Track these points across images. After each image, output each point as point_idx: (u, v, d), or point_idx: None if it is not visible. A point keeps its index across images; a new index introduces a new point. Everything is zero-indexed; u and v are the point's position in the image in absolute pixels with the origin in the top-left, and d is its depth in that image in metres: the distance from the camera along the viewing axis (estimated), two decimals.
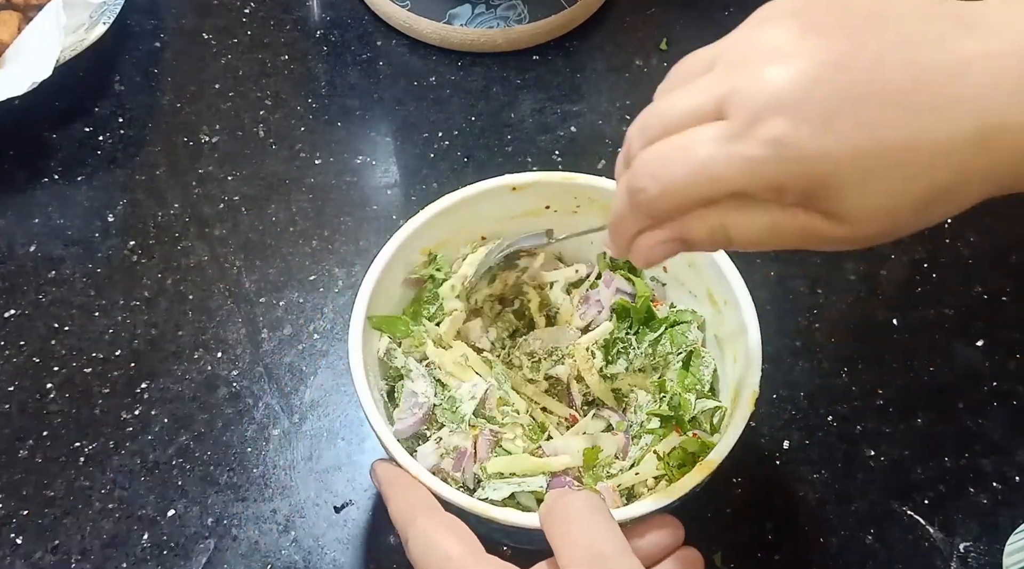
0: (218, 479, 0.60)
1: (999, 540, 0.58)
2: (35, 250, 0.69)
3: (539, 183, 0.58)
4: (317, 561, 0.58)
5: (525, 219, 0.60)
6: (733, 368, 0.55)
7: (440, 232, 0.58)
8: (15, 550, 0.58)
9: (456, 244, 0.60)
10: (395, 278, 0.58)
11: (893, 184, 0.36)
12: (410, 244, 0.57)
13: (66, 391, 0.63)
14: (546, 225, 0.59)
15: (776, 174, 0.37)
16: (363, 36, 0.80)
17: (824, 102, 0.36)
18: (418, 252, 0.58)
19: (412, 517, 0.46)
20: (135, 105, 0.76)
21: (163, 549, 0.58)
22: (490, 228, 0.60)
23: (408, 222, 0.57)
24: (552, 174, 0.59)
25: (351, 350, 0.53)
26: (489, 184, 0.58)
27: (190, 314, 0.66)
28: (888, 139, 0.36)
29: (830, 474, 0.61)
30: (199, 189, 0.72)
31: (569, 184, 0.58)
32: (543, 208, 0.59)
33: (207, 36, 0.80)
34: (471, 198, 0.58)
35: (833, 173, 0.36)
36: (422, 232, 0.57)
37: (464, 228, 0.59)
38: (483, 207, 0.58)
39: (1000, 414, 0.63)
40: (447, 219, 0.58)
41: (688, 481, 0.49)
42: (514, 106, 0.76)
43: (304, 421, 0.62)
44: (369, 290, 0.55)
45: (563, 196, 0.59)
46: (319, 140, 0.74)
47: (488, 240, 0.60)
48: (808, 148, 0.36)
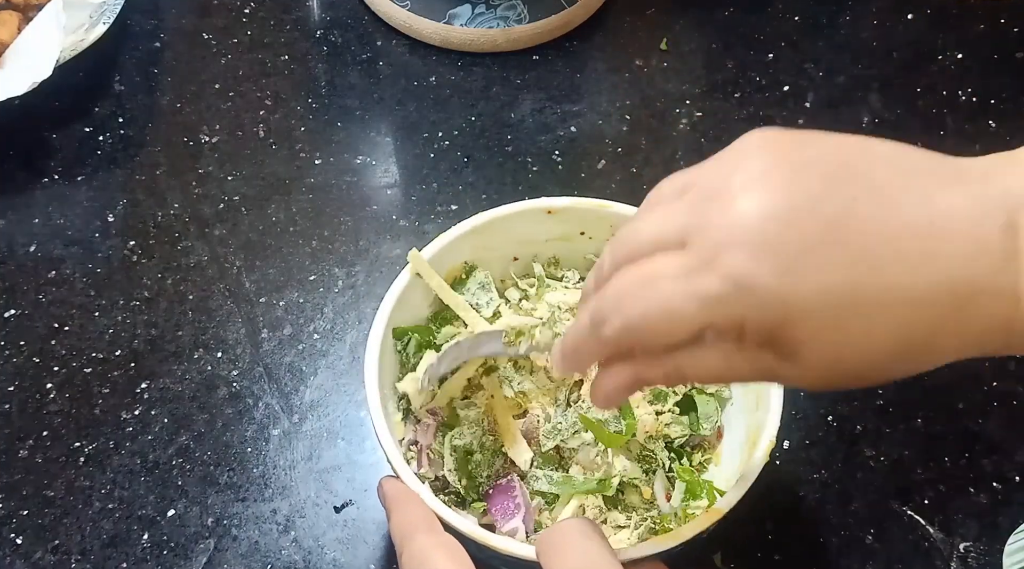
0: (218, 479, 0.60)
1: (999, 540, 0.58)
2: (35, 250, 0.69)
3: (574, 208, 0.57)
4: (317, 561, 0.58)
5: (560, 243, 0.59)
6: (752, 411, 0.54)
7: (468, 252, 0.58)
8: (15, 550, 0.58)
9: (488, 263, 0.59)
10: (417, 296, 0.57)
11: (854, 335, 0.35)
12: (438, 260, 0.56)
13: (66, 391, 0.63)
14: (581, 251, 0.59)
15: (734, 311, 0.36)
16: (363, 36, 0.80)
17: (789, 243, 0.35)
18: (446, 269, 0.58)
19: (411, 533, 0.45)
20: (135, 105, 0.76)
21: (163, 549, 0.58)
22: (524, 249, 0.60)
23: (438, 237, 0.56)
24: (586, 201, 0.58)
25: (367, 365, 0.52)
26: (524, 205, 0.57)
27: (190, 314, 0.66)
28: (852, 289, 0.34)
29: (830, 474, 0.61)
30: (199, 189, 0.72)
31: (604, 212, 0.57)
32: (578, 234, 0.59)
33: (207, 36, 0.80)
34: (505, 217, 0.57)
35: (792, 316, 0.35)
36: (450, 249, 0.57)
37: (496, 248, 0.59)
38: (518, 228, 0.58)
39: (1000, 414, 0.63)
40: (479, 237, 0.57)
41: (695, 526, 0.48)
42: (514, 106, 0.76)
43: (304, 421, 0.62)
44: (391, 305, 0.54)
45: (598, 223, 0.58)
46: (319, 140, 0.74)
47: (520, 260, 0.60)
48: (768, 286, 0.35)
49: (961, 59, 0.79)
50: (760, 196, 0.35)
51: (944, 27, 0.80)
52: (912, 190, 0.35)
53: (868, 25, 0.81)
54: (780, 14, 0.81)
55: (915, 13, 0.81)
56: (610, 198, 0.60)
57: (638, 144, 0.74)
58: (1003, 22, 0.81)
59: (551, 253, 0.60)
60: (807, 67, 0.78)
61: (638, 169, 0.73)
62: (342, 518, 0.59)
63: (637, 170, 0.73)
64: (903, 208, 0.35)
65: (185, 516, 0.59)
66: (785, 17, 0.81)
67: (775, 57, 0.79)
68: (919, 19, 0.81)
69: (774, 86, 0.77)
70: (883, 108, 0.76)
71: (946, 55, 0.79)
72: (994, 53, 0.79)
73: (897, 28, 0.81)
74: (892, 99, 0.76)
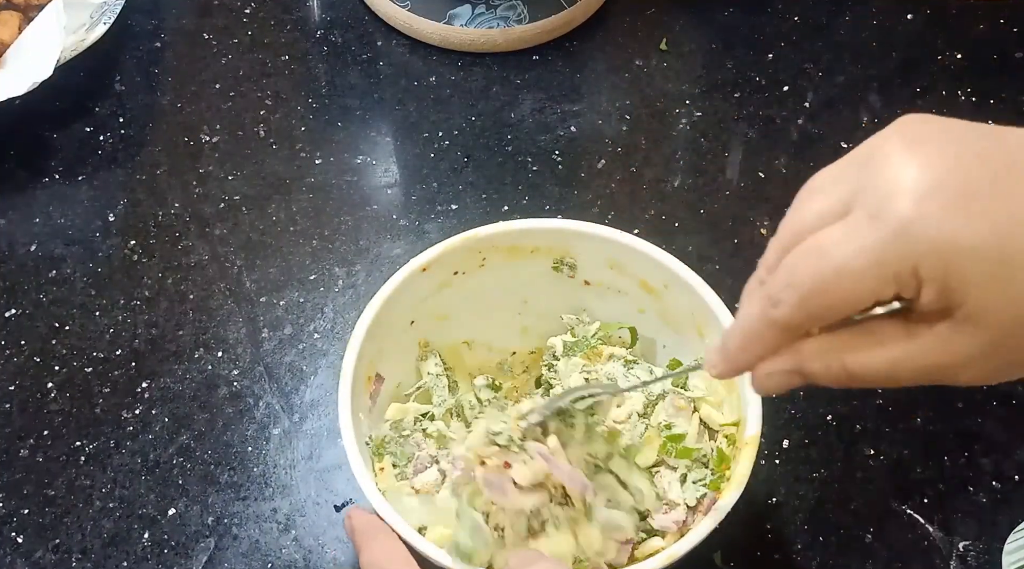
0: (218, 478, 0.60)
1: (998, 539, 0.58)
2: (36, 249, 0.69)
3: (445, 254, 0.56)
4: (317, 560, 0.58)
5: (439, 293, 0.58)
6: (701, 343, 0.54)
7: (374, 346, 0.55)
8: (16, 549, 0.58)
9: (389, 348, 0.57)
10: (399, 317, 0.56)
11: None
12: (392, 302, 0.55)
13: (67, 390, 0.63)
14: (466, 290, 0.58)
15: (907, 260, 0.34)
16: (363, 36, 0.80)
17: (956, 186, 0.34)
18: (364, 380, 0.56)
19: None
20: (135, 105, 0.76)
21: (164, 548, 0.58)
22: (415, 313, 0.58)
23: (346, 357, 0.54)
24: (457, 239, 0.56)
25: (340, 398, 0.52)
26: (399, 276, 0.55)
27: (190, 314, 0.66)
28: (1020, 235, 0.34)
29: (830, 473, 0.61)
30: (199, 189, 0.72)
31: (470, 243, 0.56)
32: (452, 274, 0.57)
33: (207, 36, 0.80)
34: (389, 297, 0.55)
35: (962, 258, 0.34)
36: (362, 357, 0.54)
37: (391, 331, 0.56)
38: (402, 300, 0.56)
39: (1000, 414, 0.63)
40: (378, 328, 0.55)
41: (700, 532, 0.48)
42: (514, 106, 0.76)
43: (304, 420, 0.63)
44: (362, 333, 0.53)
45: (470, 258, 0.57)
46: (319, 140, 0.74)
47: (416, 323, 0.58)
48: (937, 227, 0.34)
49: (961, 59, 0.79)
50: (919, 152, 0.35)
51: (944, 27, 0.80)
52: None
53: (868, 25, 0.81)
54: (780, 14, 0.81)
55: (915, 13, 0.81)
56: (609, 198, 0.61)
57: (638, 144, 0.74)
58: (1003, 22, 0.81)
59: (436, 307, 0.58)
60: (807, 67, 0.78)
61: (638, 169, 0.73)
62: (342, 517, 0.59)
63: (637, 170, 0.73)
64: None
65: (186, 515, 0.59)
66: (785, 17, 0.81)
67: (775, 57, 0.79)
68: (919, 19, 0.81)
69: (774, 86, 0.77)
70: (883, 108, 0.76)
71: (946, 55, 0.79)
72: (994, 53, 0.79)
73: (897, 28, 0.81)
74: (892, 99, 0.77)
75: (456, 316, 0.59)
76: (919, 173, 0.35)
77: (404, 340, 0.58)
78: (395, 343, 0.57)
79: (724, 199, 0.71)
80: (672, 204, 0.71)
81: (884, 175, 0.35)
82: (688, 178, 0.72)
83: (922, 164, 0.35)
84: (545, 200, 0.71)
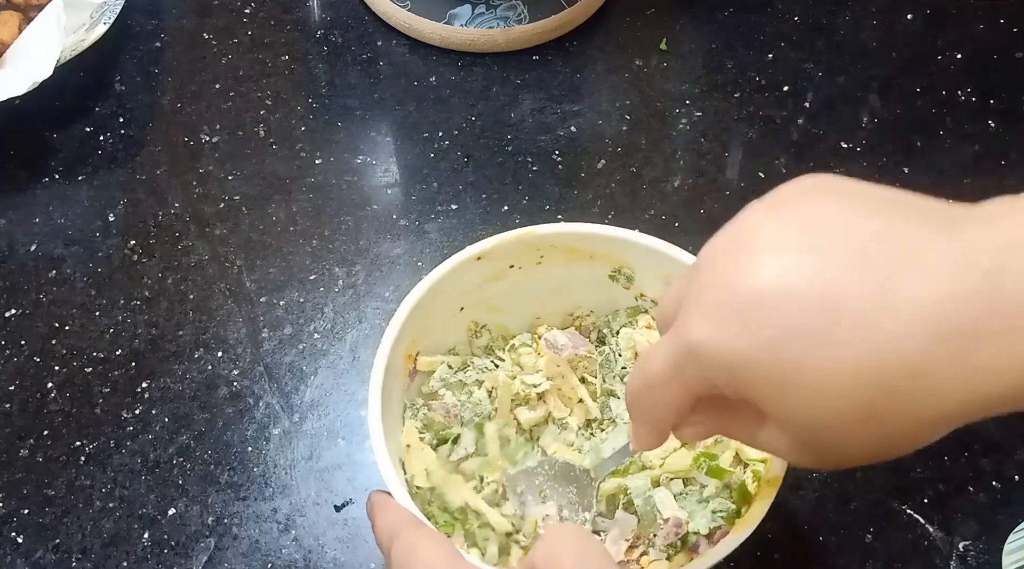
0: (219, 478, 0.60)
1: (998, 539, 0.58)
2: (36, 249, 0.69)
3: (500, 246, 0.56)
4: (317, 560, 0.58)
5: (493, 284, 0.57)
6: None
7: (416, 326, 0.55)
8: (16, 549, 0.58)
9: (434, 331, 0.57)
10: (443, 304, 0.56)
11: (806, 394, 0.35)
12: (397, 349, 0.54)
13: (67, 390, 0.63)
14: (513, 286, 0.57)
15: (698, 373, 0.38)
16: (363, 36, 0.80)
17: (727, 306, 0.36)
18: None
19: (396, 531, 0.45)
20: (136, 105, 0.76)
21: (164, 548, 0.58)
22: (465, 300, 0.58)
23: (390, 326, 0.54)
24: (512, 234, 0.56)
25: (371, 404, 0.51)
26: (454, 260, 0.55)
27: (190, 314, 0.66)
28: (785, 351, 0.35)
29: (830, 473, 0.61)
30: (199, 189, 0.72)
31: (529, 240, 0.56)
32: (508, 267, 0.57)
33: (207, 36, 0.80)
34: (440, 280, 0.55)
35: (747, 369, 0.36)
36: (404, 330, 0.54)
37: (438, 313, 0.56)
38: (454, 285, 0.56)
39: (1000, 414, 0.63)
40: (423, 309, 0.55)
41: (732, 540, 0.48)
42: (514, 106, 0.76)
43: (304, 420, 0.63)
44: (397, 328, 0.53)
45: (528, 254, 0.57)
46: (319, 140, 0.74)
47: (466, 310, 0.58)
48: (708, 346, 0.36)
49: (961, 59, 0.79)
50: (727, 267, 0.37)
51: (944, 27, 0.80)
52: (883, 263, 0.34)
53: (868, 25, 0.81)
54: (780, 14, 0.81)
55: (915, 13, 0.81)
56: (609, 198, 0.61)
57: (638, 144, 0.74)
58: (1003, 22, 0.81)
59: (488, 297, 0.58)
60: (807, 67, 0.78)
61: (638, 169, 0.73)
62: (342, 517, 0.59)
63: (637, 170, 0.73)
64: (856, 285, 0.34)
65: (186, 515, 0.59)
66: (785, 17, 0.81)
67: (775, 57, 0.79)
68: (919, 19, 0.81)
69: (774, 86, 0.77)
70: (883, 108, 0.76)
71: (946, 55, 0.79)
72: (994, 53, 0.79)
73: (897, 28, 0.81)
74: (892, 99, 0.77)
75: (508, 309, 0.59)
76: (703, 291, 0.37)
77: (452, 324, 0.58)
78: (442, 327, 0.57)
79: (724, 199, 0.71)
80: (672, 204, 0.71)
81: (697, 281, 0.38)
82: (688, 178, 0.72)
83: (711, 282, 0.37)
84: (545, 200, 0.71)
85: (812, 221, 0.36)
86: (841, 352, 0.34)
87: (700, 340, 0.36)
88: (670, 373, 0.39)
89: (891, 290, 0.34)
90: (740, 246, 0.37)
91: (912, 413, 0.35)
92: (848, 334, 0.34)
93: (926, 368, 0.33)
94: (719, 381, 0.37)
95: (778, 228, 0.36)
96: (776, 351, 0.35)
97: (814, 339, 0.34)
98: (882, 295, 0.34)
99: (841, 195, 0.37)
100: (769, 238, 0.36)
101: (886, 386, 0.34)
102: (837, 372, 0.34)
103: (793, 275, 0.35)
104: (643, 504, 0.53)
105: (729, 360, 0.36)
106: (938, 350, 0.33)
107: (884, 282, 0.34)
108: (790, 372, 0.35)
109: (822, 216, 0.36)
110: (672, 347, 0.38)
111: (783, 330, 0.35)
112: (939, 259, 0.34)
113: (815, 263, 0.35)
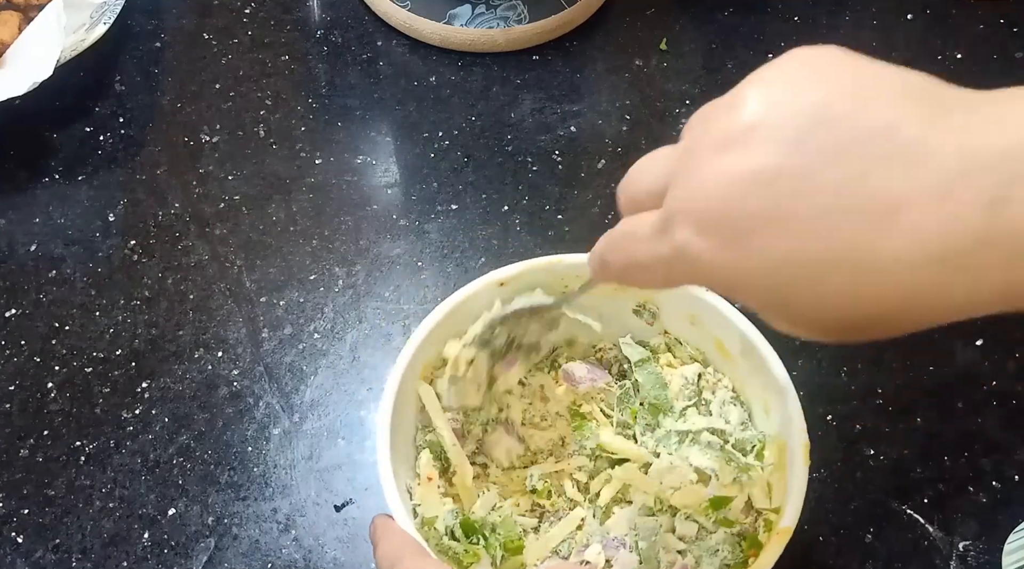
0: (219, 478, 0.60)
1: (998, 539, 0.58)
2: (36, 249, 0.69)
3: (526, 273, 0.55)
4: (317, 560, 0.58)
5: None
6: (766, 420, 0.54)
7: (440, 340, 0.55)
8: (16, 549, 0.58)
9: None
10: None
11: (816, 294, 0.34)
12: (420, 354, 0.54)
13: (66, 390, 0.63)
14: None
15: (685, 278, 0.38)
16: (363, 36, 0.80)
17: (735, 220, 0.34)
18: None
19: (399, 558, 0.45)
20: (135, 105, 0.76)
21: (164, 548, 0.58)
22: None
23: (415, 334, 0.54)
24: (537, 262, 0.56)
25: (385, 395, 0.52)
26: (477, 284, 0.55)
27: (190, 314, 0.66)
28: (793, 263, 0.34)
29: (829, 473, 0.61)
30: (199, 189, 0.72)
31: (556, 269, 0.56)
32: (531, 291, 0.56)
33: (207, 36, 0.80)
34: (462, 301, 0.55)
35: (737, 291, 0.36)
36: (427, 342, 0.54)
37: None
38: (473, 309, 0.55)
39: (1000, 414, 0.63)
40: (445, 327, 0.55)
41: (768, 558, 0.48)
42: (514, 106, 0.76)
43: (304, 420, 0.63)
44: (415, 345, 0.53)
45: (553, 281, 0.56)
46: (319, 140, 0.74)
47: None
48: (711, 263, 0.36)
49: (961, 59, 0.79)
50: (729, 161, 0.35)
51: (944, 27, 0.80)
52: (891, 155, 0.33)
53: (868, 25, 0.81)
54: (780, 14, 0.81)
55: (915, 13, 0.81)
56: (609, 198, 0.60)
57: (638, 144, 0.74)
58: (1003, 22, 0.81)
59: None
60: None
61: None
62: (342, 517, 0.59)
63: None
64: (874, 180, 0.32)
65: (186, 515, 0.59)
66: (785, 17, 0.81)
67: (775, 57, 0.78)
68: (919, 19, 0.81)
69: None
70: None
71: (946, 55, 0.79)
72: (994, 53, 0.79)
73: (897, 28, 0.81)
74: None
75: None
76: (707, 198, 0.35)
77: None
78: None
79: None
80: None
81: (687, 182, 0.36)
82: None
83: (716, 184, 0.35)
84: (545, 200, 0.71)
85: (812, 110, 0.35)
86: (838, 273, 0.33)
87: (697, 255, 0.36)
88: (656, 263, 0.38)
89: (882, 212, 0.32)
90: (733, 139, 0.35)
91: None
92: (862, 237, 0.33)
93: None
94: (710, 285, 0.38)
95: (775, 122, 0.36)
96: (774, 276, 0.34)
97: (815, 260, 0.33)
98: (877, 221, 0.32)
99: (841, 72, 0.37)
100: (766, 133, 0.35)
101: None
102: (836, 297, 0.34)
103: (787, 198, 0.33)
104: (648, 548, 0.52)
105: (726, 276, 0.36)
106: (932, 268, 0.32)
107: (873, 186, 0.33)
108: (791, 297, 0.35)
109: (823, 102, 0.36)
110: (664, 245, 0.37)
111: (784, 254, 0.34)
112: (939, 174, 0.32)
113: (814, 172, 0.33)
